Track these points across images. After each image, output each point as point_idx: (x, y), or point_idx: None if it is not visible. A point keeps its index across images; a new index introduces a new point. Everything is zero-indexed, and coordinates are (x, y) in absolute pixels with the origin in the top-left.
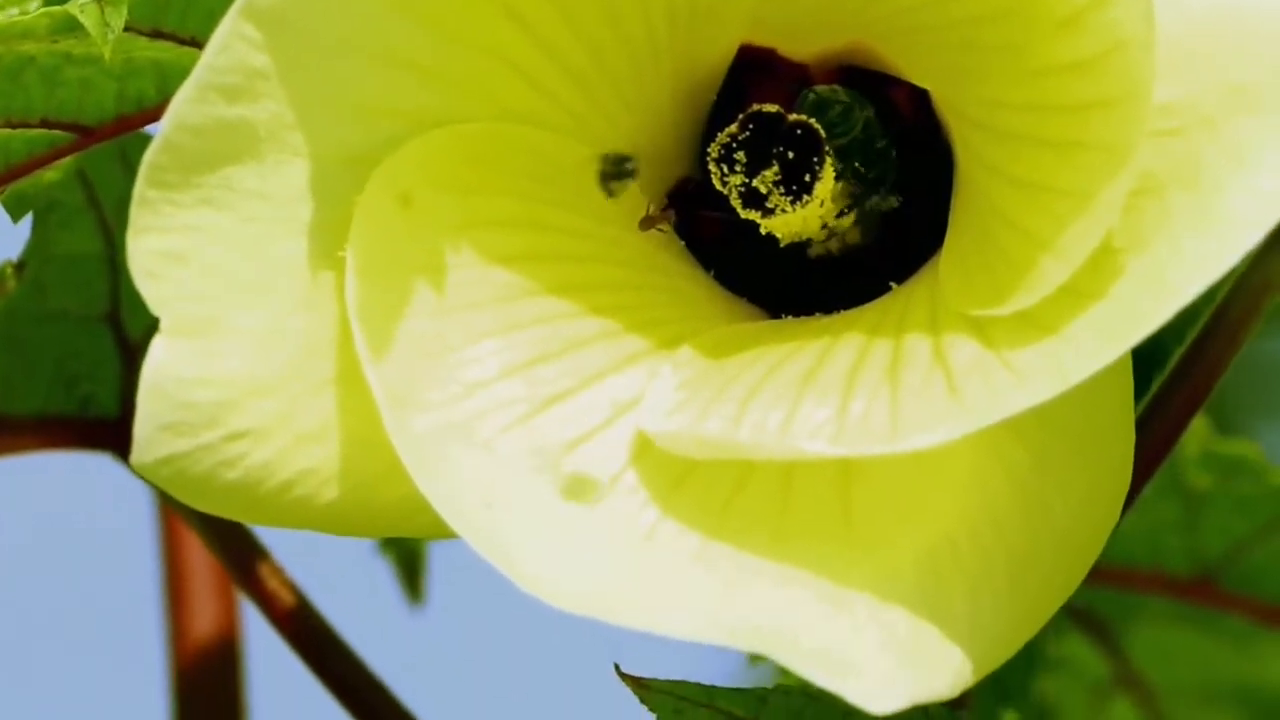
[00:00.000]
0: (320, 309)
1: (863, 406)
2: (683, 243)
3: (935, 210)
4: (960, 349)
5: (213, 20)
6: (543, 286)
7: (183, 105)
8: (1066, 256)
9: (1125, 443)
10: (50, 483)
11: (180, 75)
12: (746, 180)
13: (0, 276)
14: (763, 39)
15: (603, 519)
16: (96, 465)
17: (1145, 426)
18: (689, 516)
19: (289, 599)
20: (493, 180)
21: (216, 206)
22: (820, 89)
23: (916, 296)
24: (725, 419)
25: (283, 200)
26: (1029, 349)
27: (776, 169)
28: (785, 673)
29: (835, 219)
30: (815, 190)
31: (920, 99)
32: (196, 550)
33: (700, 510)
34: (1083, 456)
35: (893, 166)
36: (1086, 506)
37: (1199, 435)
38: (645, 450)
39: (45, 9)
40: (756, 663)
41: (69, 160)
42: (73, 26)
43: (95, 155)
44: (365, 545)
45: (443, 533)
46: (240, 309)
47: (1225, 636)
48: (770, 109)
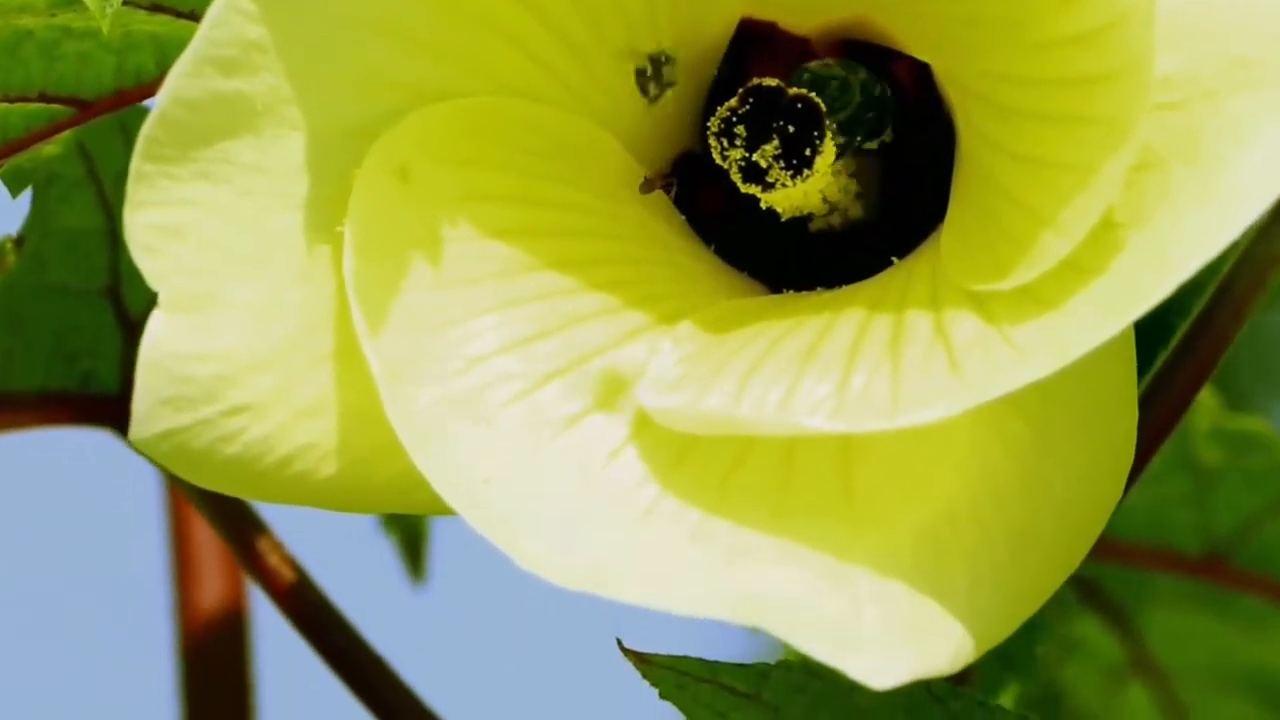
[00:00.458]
0: (318, 283)
1: (863, 382)
2: (683, 217)
3: (936, 185)
4: (961, 324)
5: None
6: (542, 261)
7: (179, 79)
8: (1067, 231)
9: (1128, 418)
10: (54, 459)
11: (179, 48)
12: (747, 154)
13: (0, 251)
14: (764, 13)
15: (602, 495)
16: (100, 441)
17: (1150, 402)
18: (689, 492)
19: (289, 575)
20: (491, 154)
21: (213, 181)
22: (814, 65)
23: (918, 271)
24: (725, 395)
25: (280, 174)
26: (1030, 324)
27: (777, 143)
28: (788, 648)
29: (837, 193)
30: (816, 164)
31: (922, 73)
32: (202, 526)
33: (700, 486)
34: (1084, 432)
35: (890, 115)
36: (1088, 482)
37: (1209, 410)
38: (645, 426)
39: None
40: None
41: (68, 134)
42: (71, 0)
43: (95, 129)
44: (367, 522)
45: (441, 509)
46: (238, 283)
47: (1239, 619)
48: (770, 83)
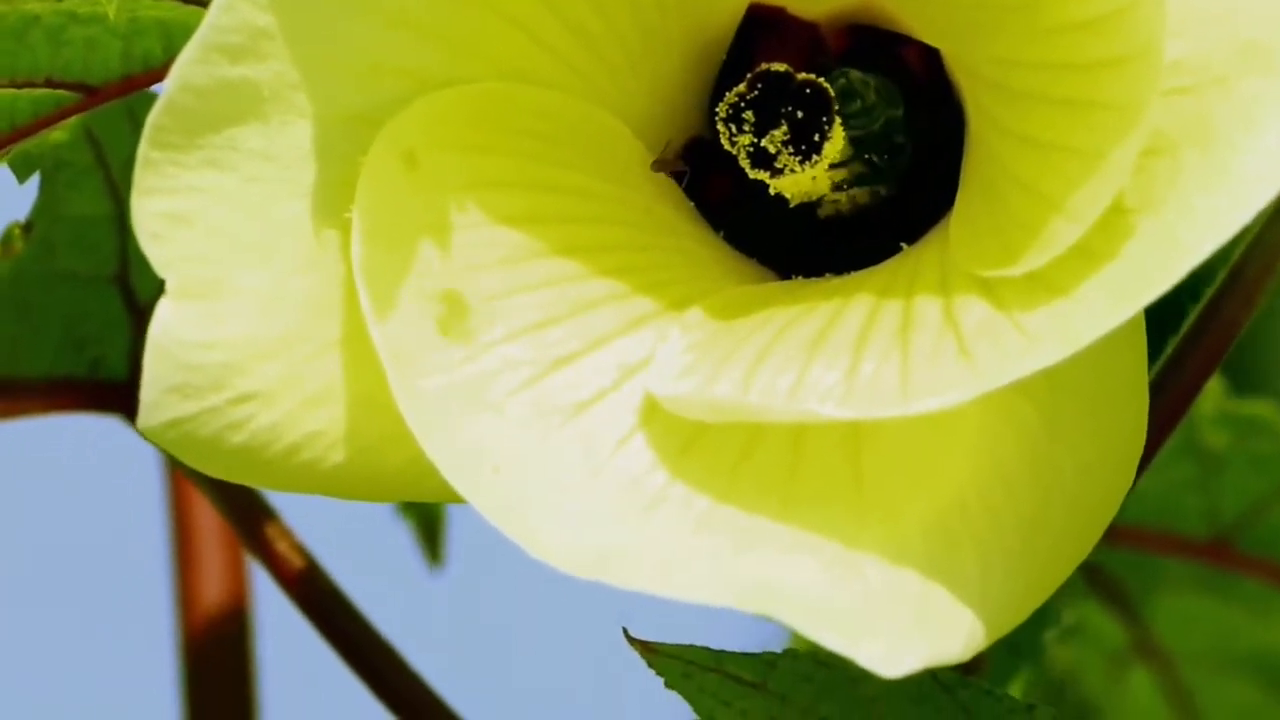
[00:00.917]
0: (326, 270)
1: (873, 369)
2: (692, 203)
3: (946, 170)
4: (971, 310)
5: None
6: (550, 247)
7: (186, 66)
8: (1078, 217)
9: (1139, 404)
10: (59, 445)
11: (186, 34)
12: (755, 140)
13: (8, 238)
14: None
15: (611, 482)
16: (106, 427)
17: (1161, 387)
18: (698, 480)
19: (298, 561)
20: (499, 140)
21: (221, 167)
22: (854, 75)
23: (927, 257)
24: (734, 382)
25: (287, 161)
26: (1040, 310)
27: (785, 128)
28: (795, 636)
29: (845, 183)
30: (824, 150)
31: (931, 57)
32: (206, 513)
33: (709, 473)
34: (1095, 418)
35: (907, 151)
36: (1099, 469)
37: (1215, 395)
38: (654, 413)
39: None
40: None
41: (76, 120)
42: None
43: (103, 115)
44: (377, 507)
45: (450, 496)
46: (245, 270)
47: (1243, 602)
48: (779, 68)
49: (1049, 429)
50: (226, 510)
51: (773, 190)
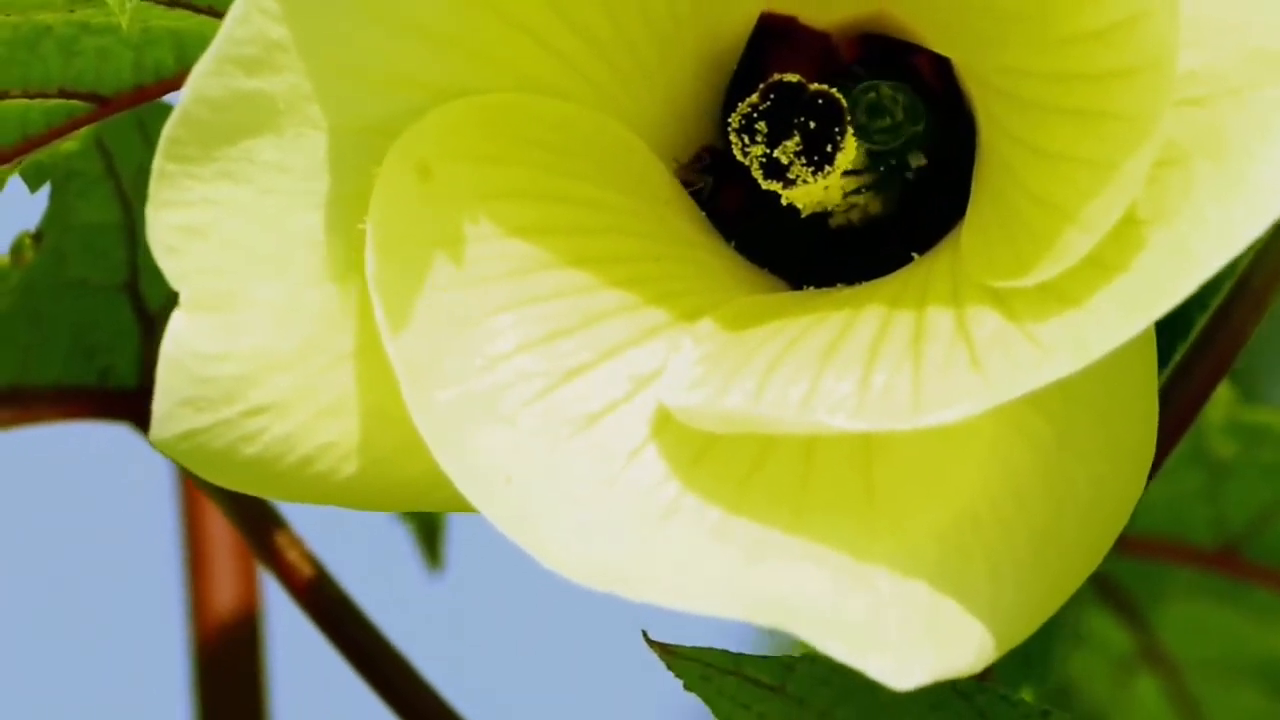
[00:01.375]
0: (340, 282)
1: (885, 380)
2: (704, 214)
3: (957, 179)
4: (983, 322)
5: None
6: (563, 258)
7: (201, 78)
8: (1090, 228)
9: (1149, 414)
10: (70, 453)
11: (198, 44)
12: (768, 151)
13: (19, 247)
14: (783, 7)
15: (623, 494)
16: (116, 436)
17: (1169, 396)
18: (709, 491)
19: (308, 570)
20: (513, 151)
21: (235, 180)
22: (885, 90)
23: (938, 268)
24: (746, 393)
25: (302, 173)
26: (1052, 321)
27: (798, 139)
28: None
29: (858, 190)
30: (837, 160)
31: (943, 67)
32: (217, 521)
33: (721, 485)
34: (1106, 429)
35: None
36: (1110, 479)
37: (1223, 403)
38: (666, 424)
39: None
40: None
41: (87, 130)
42: None
43: (114, 125)
44: (384, 515)
45: (463, 507)
46: (259, 282)
47: (1250, 611)
48: (791, 78)
49: (1060, 440)
50: (237, 519)
51: (785, 201)
